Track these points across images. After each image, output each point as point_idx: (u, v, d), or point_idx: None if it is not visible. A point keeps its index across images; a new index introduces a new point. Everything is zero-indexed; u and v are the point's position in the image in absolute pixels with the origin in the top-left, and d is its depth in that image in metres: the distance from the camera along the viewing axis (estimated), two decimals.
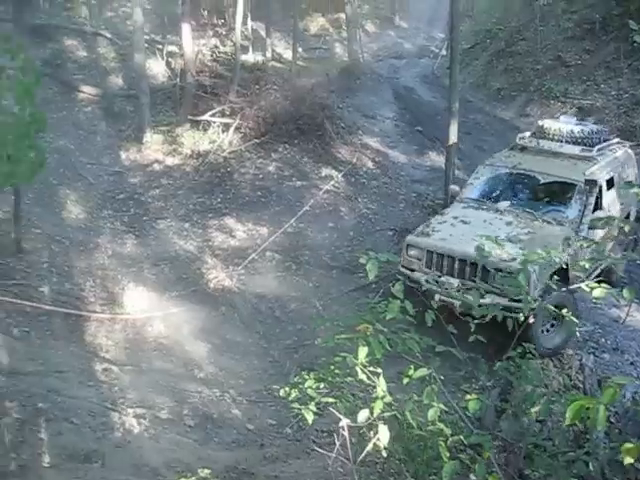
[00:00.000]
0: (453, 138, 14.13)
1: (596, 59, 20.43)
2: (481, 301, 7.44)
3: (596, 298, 5.01)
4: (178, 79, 17.92)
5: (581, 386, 8.79)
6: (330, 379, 4.79)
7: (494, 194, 10.86)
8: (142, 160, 15.53)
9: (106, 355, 8.67)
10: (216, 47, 21.12)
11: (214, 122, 16.16)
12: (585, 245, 8.77)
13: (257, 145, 15.69)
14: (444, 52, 26.21)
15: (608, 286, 4.88)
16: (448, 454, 4.29)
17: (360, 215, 13.93)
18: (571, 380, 8.95)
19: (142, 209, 13.72)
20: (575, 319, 6.62)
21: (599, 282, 5.50)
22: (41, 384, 6.91)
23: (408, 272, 9.47)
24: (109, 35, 20.38)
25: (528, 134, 11.91)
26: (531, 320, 6.60)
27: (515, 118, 20.15)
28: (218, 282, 11.14)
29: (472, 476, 4.33)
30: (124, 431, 6.59)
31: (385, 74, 23.88)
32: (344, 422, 4.26)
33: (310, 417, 4.43)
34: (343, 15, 27.22)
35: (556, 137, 11.26)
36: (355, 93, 20.83)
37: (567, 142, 11.14)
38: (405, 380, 4.56)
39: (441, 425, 4.46)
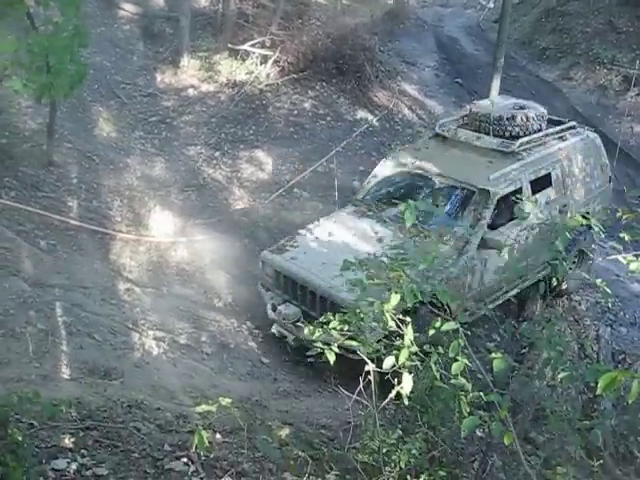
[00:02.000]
0: (494, 93, 13.90)
1: None
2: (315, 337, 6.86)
3: (631, 272, 4.93)
4: (220, 5, 17.62)
5: (595, 356, 8.80)
6: (355, 322, 4.79)
7: (391, 196, 9.11)
8: (177, 84, 15.39)
9: (129, 275, 8.72)
10: None
11: (253, 53, 15.93)
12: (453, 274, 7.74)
13: (294, 80, 15.50)
14: (491, 5, 25.57)
15: None
16: (468, 409, 4.31)
17: None
18: (585, 349, 8.95)
19: (173, 133, 13.66)
20: None
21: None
22: (65, 297, 6.97)
23: (263, 291, 8.47)
24: None
25: (453, 119, 10.30)
26: None
27: (557, 80, 19.69)
28: (244, 213, 11.12)
29: None
30: (143, 352, 6.67)
31: (429, 21, 23.34)
32: (370, 367, 4.27)
33: (332, 358, 4.44)
34: None
35: (482, 125, 9.44)
36: (398, 38, 20.45)
37: (495, 132, 9.30)
38: (431, 332, 4.55)
39: (463, 380, 4.47)
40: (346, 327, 4.71)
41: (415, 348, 4.35)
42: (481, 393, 4.59)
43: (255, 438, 5.03)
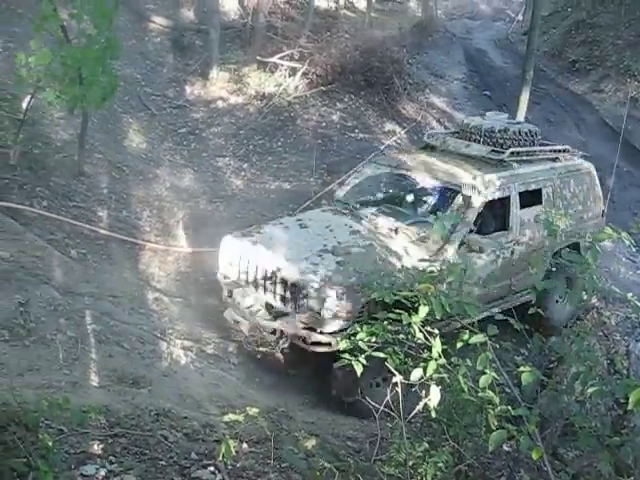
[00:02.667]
0: (523, 106, 13.85)
1: None
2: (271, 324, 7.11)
3: None
4: (250, 18, 17.78)
5: (625, 372, 8.68)
6: (382, 334, 4.78)
7: (371, 197, 9.17)
8: (206, 96, 15.53)
9: (158, 285, 8.79)
10: None
11: (282, 65, 16.04)
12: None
13: (323, 93, 15.57)
14: (520, 17, 25.50)
15: None
16: (496, 423, 4.28)
17: None
18: (614, 365, 8.83)
19: (202, 145, 13.77)
20: None
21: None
22: (95, 306, 7.05)
23: (222, 279, 8.04)
24: None
25: (445, 132, 10.02)
26: None
27: (588, 93, 19.58)
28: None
29: None
30: (171, 361, 6.71)
31: (458, 34, 23.36)
32: (398, 378, 4.27)
33: (359, 369, 4.44)
34: None
35: (473, 137, 9.07)
36: (426, 50, 20.48)
37: (485, 144, 8.91)
38: (459, 344, 4.54)
39: (491, 393, 4.44)
40: (373, 339, 4.71)
41: (443, 360, 4.34)
42: (509, 407, 4.57)
43: (281, 448, 5.04)
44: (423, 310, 4.30)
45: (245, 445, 4.93)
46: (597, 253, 4.98)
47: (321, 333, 6.83)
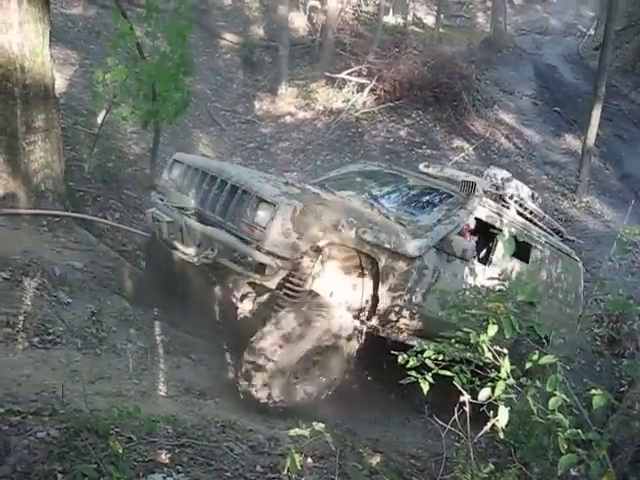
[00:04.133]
0: (595, 123, 13.59)
1: None
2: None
3: None
4: (318, 34, 17.98)
5: None
6: (450, 352, 4.73)
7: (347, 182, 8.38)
8: (274, 111, 15.74)
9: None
10: (358, 6, 21.00)
11: (350, 81, 16.15)
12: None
13: (390, 108, 15.60)
14: (592, 32, 25.08)
15: None
16: (566, 446, 4.18)
17: None
18: None
19: (270, 160, 13.93)
20: None
21: None
22: (164, 317, 7.17)
23: (157, 200, 7.06)
24: None
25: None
26: None
27: None
28: None
29: None
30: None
31: (527, 49, 23.10)
32: (466, 397, 4.21)
33: (426, 387, 4.40)
34: None
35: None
36: (495, 66, 20.31)
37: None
38: (528, 365, 4.45)
39: (560, 416, 4.35)
40: (440, 357, 4.66)
41: (512, 381, 4.27)
42: (579, 430, 4.46)
43: (346, 465, 5.02)
44: (492, 329, 4.24)
45: (310, 460, 4.93)
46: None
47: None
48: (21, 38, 7.19)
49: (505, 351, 4.36)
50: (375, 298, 6.56)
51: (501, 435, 4.20)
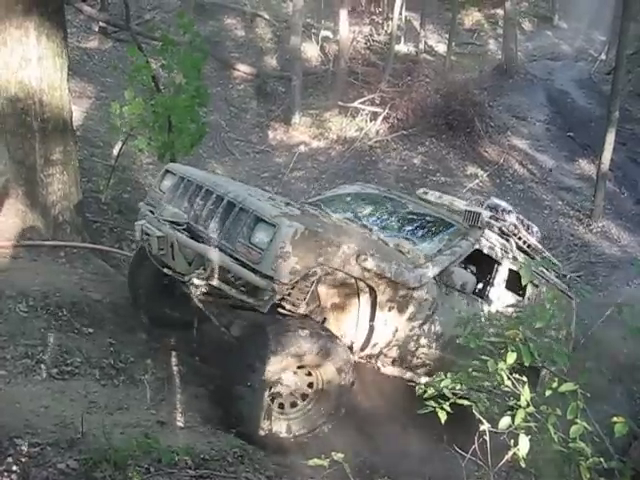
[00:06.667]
0: (609, 147, 13.58)
1: None
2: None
3: None
4: (331, 64, 18.14)
5: None
6: (468, 381, 4.70)
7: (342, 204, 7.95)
8: (288, 141, 15.85)
9: None
10: (370, 35, 21.20)
11: (363, 110, 16.27)
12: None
13: (404, 136, 15.69)
14: (603, 56, 25.13)
15: None
16: (588, 475, 4.13)
17: None
18: None
19: (285, 189, 13.98)
20: None
21: None
22: (180, 347, 7.17)
23: (147, 212, 6.72)
24: (267, 16, 20.86)
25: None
26: None
27: None
28: None
29: None
30: None
31: (539, 75, 23.15)
32: (485, 426, 4.18)
33: (443, 416, 4.37)
34: (500, 11, 26.63)
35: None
36: (507, 92, 20.37)
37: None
38: (547, 392, 4.42)
39: (582, 444, 4.30)
40: (458, 386, 4.63)
41: (532, 409, 4.24)
42: (601, 459, 4.41)
43: None
44: (511, 356, 4.21)
45: None
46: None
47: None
48: (40, 73, 7.32)
49: (524, 379, 4.33)
50: (370, 328, 6.28)
51: (523, 464, 4.16)
